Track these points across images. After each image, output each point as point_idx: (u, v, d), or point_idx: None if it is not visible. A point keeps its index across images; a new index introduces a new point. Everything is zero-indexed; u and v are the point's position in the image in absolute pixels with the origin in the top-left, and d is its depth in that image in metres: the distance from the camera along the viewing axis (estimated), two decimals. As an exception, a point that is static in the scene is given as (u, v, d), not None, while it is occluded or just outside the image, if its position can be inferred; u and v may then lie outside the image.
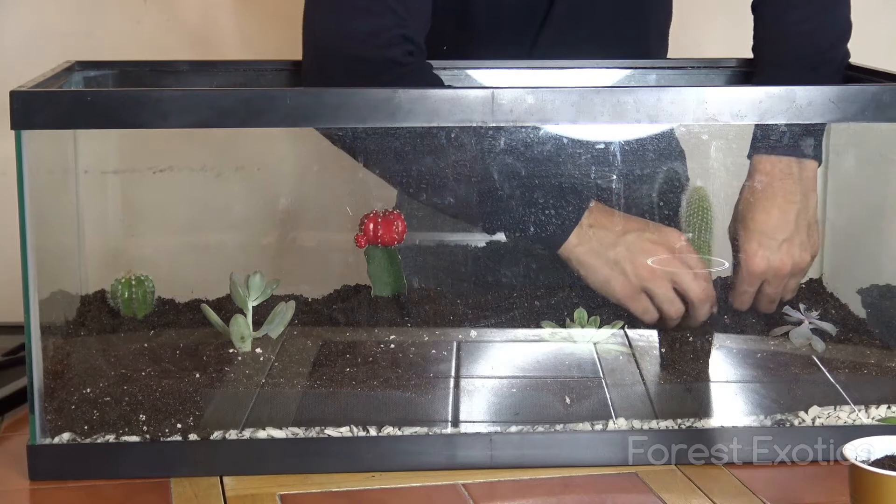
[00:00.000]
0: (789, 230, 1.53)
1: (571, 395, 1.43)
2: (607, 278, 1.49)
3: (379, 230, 1.53)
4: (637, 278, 1.49)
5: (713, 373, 1.49)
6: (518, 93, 1.33)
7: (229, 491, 1.32)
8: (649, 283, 1.49)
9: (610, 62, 1.67)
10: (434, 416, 1.41)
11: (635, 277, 1.49)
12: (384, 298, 1.55)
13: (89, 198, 1.58)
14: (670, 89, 1.36)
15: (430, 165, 1.47)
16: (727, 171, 1.55)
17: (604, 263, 1.49)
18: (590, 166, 1.50)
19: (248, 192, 1.67)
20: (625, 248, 1.49)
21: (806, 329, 1.53)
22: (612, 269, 1.49)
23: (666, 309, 1.50)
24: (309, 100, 1.32)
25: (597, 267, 1.49)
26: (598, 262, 1.49)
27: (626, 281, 1.49)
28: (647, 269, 1.49)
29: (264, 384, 1.43)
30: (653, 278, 1.49)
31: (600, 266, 1.49)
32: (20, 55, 2.35)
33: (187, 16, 2.44)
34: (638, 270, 1.49)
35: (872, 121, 1.38)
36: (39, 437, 1.36)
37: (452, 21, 1.69)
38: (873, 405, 1.43)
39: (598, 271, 1.49)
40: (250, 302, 1.51)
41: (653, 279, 1.49)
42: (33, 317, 1.34)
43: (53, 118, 1.32)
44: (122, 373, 1.43)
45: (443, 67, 1.64)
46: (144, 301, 1.57)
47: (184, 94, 1.35)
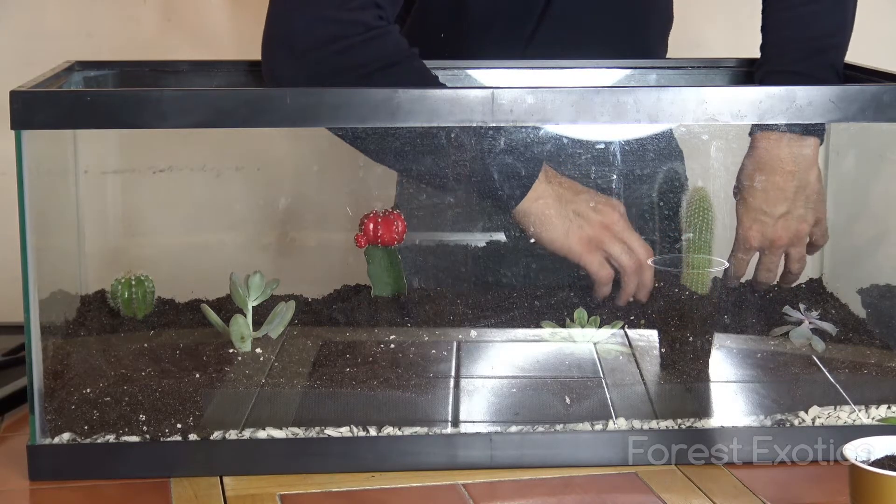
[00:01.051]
0: (786, 205, 1.54)
1: (571, 395, 1.43)
2: (567, 231, 1.51)
3: (379, 230, 1.53)
4: (594, 231, 1.51)
5: (713, 373, 1.49)
6: (518, 93, 1.33)
7: (229, 491, 1.32)
8: (605, 237, 1.52)
9: (610, 62, 1.67)
10: (434, 416, 1.41)
11: (592, 230, 1.51)
12: (384, 298, 1.55)
13: (89, 198, 1.58)
14: (670, 89, 1.36)
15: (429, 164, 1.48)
16: (727, 171, 1.55)
17: (563, 217, 1.51)
18: (589, 166, 1.50)
19: (248, 192, 1.67)
20: (583, 204, 1.52)
21: (806, 329, 1.53)
22: (572, 221, 1.51)
23: (624, 262, 1.52)
24: (309, 100, 1.32)
25: (556, 220, 1.51)
26: (558, 215, 1.51)
27: (584, 233, 1.51)
28: (603, 225, 1.52)
29: (264, 384, 1.43)
30: (609, 233, 1.52)
31: (560, 219, 1.51)
32: (20, 55, 2.35)
33: (187, 16, 2.44)
34: (595, 225, 1.51)
35: (872, 121, 1.38)
36: (39, 437, 1.36)
37: (446, 14, 1.69)
38: (873, 405, 1.43)
39: (558, 224, 1.51)
40: (250, 302, 1.51)
41: (609, 234, 1.52)
42: (33, 317, 1.34)
43: (53, 118, 1.32)
44: (121, 373, 1.43)
45: (442, 67, 1.64)
46: (144, 301, 1.57)
47: (184, 94, 1.35)
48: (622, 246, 1.52)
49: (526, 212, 1.51)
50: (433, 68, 1.61)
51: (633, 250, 1.53)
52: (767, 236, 1.56)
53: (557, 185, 1.51)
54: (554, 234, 1.52)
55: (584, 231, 1.51)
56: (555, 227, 1.52)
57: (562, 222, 1.51)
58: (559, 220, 1.52)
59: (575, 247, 1.52)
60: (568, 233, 1.52)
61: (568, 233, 1.52)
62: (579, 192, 1.52)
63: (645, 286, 1.53)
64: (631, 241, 1.53)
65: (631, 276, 1.53)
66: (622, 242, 1.52)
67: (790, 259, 1.59)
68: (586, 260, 1.52)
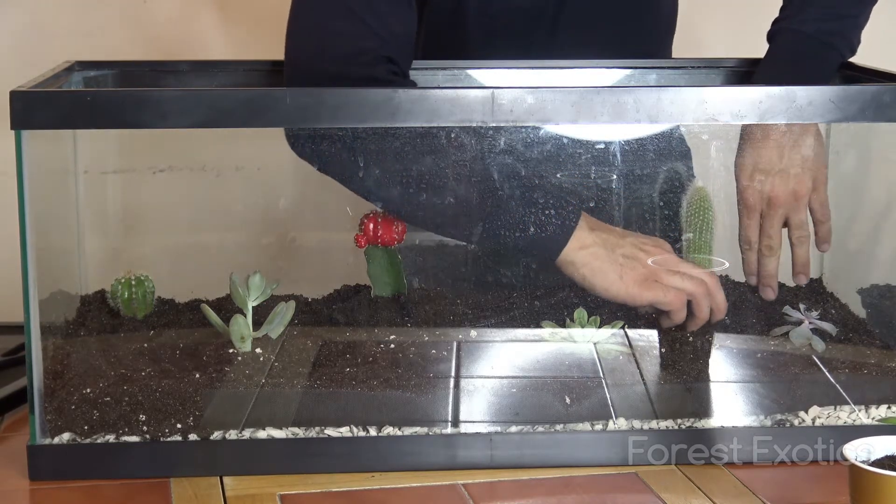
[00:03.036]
0: (782, 164, 1.54)
1: (571, 395, 1.43)
2: (620, 275, 1.49)
3: (379, 230, 1.53)
4: (648, 269, 1.49)
5: (713, 373, 1.49)
6: (518, 93, 1.33)
7: (229, 491, 1.32)
8: (660, 272, 1.50)
9: (610, 62, 1.67)
10: (434, 416, 1.41)
11: (646, 269, 1.49)
12: (384, 298, 1.55)
13: (89, 198, 1.58)
14: (670, 89, 1.36)
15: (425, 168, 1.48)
16: (727, 170, 1.55)
17: (613, 262, 1.49)
18: (590, 166, 1.50)
19: (248, 192, 1.67)
20: (630, 247, 1.49)
21: (806, 329, 1.53)
22: (623, 265, 1.49)
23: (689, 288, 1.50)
24: (309, 100, 1.32)
25: (607, 266, 1.49)
26: (608, 261, 1.49)
27: (638, 274, 1.49)
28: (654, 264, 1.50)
29: (264, 384, 1.43)
30: (661, 270, 1.50)
31: (610, 264, 1.49)
32: (20, 55, 2.35)
33: (187, 16, 2.44)
34: (647, 264, 1.49)
35: (872, 121, 1.38)
36: (39, 437, 1.36)
37: (445, 25, 1.70)
38: (873, 405, 1.43)
39: (609, 270, 1.49)
40: (250, 302, 1.51)
41: (662, 269, 1.50)
42: (33, 317, 1.34)
43: (53, 118, 1.32)
44: (121, 373, 1.43)
45: (442, 67, 1.64)
46: (144, 301, 1.57)
47: (184, 94, 1.35)
48: (680, 276, 1.50)
49: (571, 261, 1.49)
50: (433, 68, 1.61)
51: (693, 277, 1.50)
52: (765, 193, 1.54)
53: (601, 230, 1.50)
54: (607, 281, 1.49)
55: (638, 271, 1.49)
56: (606, 273, 1.49)
57: (613, 267, 1.49)
58: (610, 265, 1.49)
59: (632, 289, 1.49)
60: (622, 276, 1.49)
61: (622, 276, 1.49)
62: (624, 235, 1.51)
63: (719, 308, 1.51)
64: (687, 270, 1.51)
65: (702, 300, 1.50)
66: (678, 274, 1.50)
67: (791, 228, 1.56)
68: (647, 297, 1.49)
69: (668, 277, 1.50)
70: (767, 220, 1.56)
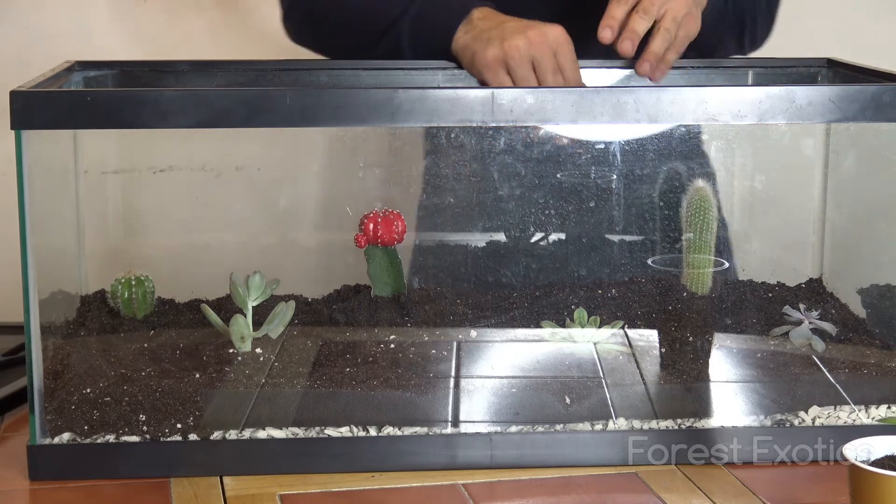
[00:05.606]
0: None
1: (571, 395, 1.43)
2: (475, 50, 1.55)
3: (379, 230, 1.53)
4: (502, 51, 1.53)
5: (713, 373, 1.49)
6: (518, 93, 1.33)
7: (229, 491, 1.32)
8: (512, 59, 1.53)
9: (610, 62, 1.67)
10: (434, 416, 1.41)
11: (501, 50, 1.53)
12: (384, 298, 1.56)
13: (89, 198, 1.58)
14: (670, 89, 1.36)
15: None
16: (727, 171, 1.55)
17: (479, 41, 1.56)
18: (589, 166, 1.50)
19: (248, 192, 1.67)
20: (500, 29, 1.55)
21: (806, 329, 1.53)
22: (484, 42, 1.55)
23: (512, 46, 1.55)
24: (309, 100, 1.32)
25: (475, 47, 1.56)
26: (476, 42, 1.56)
27: (491, 51, 1.54)
28: (516, 48, 1.53)
29: (264, 384, 1.43)
30: (518, 56, 1.53)
31: (478, 45, 1.55)
32: (20, 55, 2.35)
33: (187, 16, 2.44)
34: (506, 45, 1.53)
35: (872, 121, 1.38)
36: (39, 437, 1.36)
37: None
38: (873, 405, 1.43)
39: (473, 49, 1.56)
40: (250, 302, 1.51)
41: (518, 57, 1.53)
42: (33, 317, 1.34)
43: (53, 118, 1.32)
44: (122, 373, 1.43)
45: (442, 67, 1.64)
46: (144, 301, 1.57)
47: (184, 94, 1.35)
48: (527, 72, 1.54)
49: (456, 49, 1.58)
50: (433, 68, 1.61)
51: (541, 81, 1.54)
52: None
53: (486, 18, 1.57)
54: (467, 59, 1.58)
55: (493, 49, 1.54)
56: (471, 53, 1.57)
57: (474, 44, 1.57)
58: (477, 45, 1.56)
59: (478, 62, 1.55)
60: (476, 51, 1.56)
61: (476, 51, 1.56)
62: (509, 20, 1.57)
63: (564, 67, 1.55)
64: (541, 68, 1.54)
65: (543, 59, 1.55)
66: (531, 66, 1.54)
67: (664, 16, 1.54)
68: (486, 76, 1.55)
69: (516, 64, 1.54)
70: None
